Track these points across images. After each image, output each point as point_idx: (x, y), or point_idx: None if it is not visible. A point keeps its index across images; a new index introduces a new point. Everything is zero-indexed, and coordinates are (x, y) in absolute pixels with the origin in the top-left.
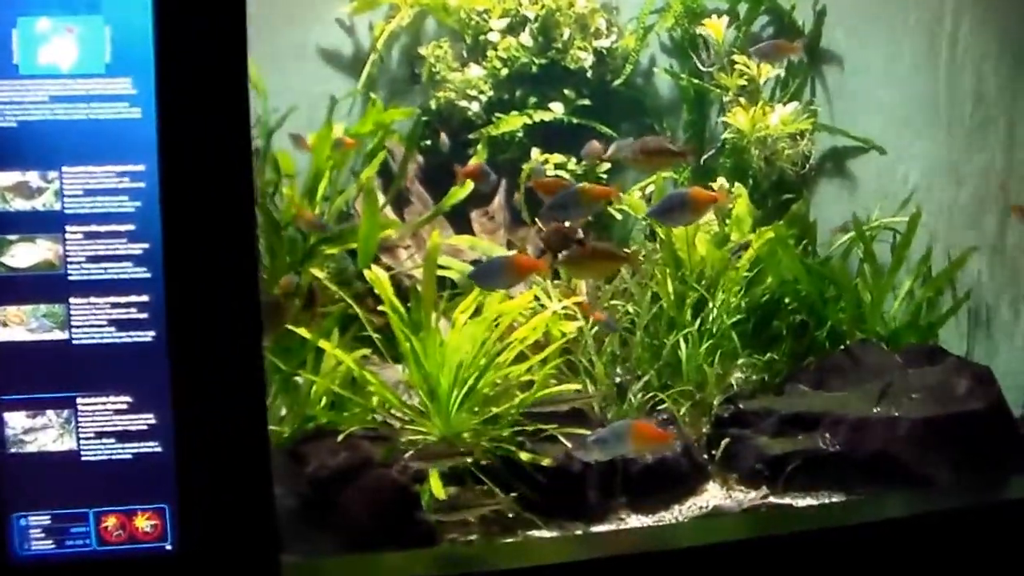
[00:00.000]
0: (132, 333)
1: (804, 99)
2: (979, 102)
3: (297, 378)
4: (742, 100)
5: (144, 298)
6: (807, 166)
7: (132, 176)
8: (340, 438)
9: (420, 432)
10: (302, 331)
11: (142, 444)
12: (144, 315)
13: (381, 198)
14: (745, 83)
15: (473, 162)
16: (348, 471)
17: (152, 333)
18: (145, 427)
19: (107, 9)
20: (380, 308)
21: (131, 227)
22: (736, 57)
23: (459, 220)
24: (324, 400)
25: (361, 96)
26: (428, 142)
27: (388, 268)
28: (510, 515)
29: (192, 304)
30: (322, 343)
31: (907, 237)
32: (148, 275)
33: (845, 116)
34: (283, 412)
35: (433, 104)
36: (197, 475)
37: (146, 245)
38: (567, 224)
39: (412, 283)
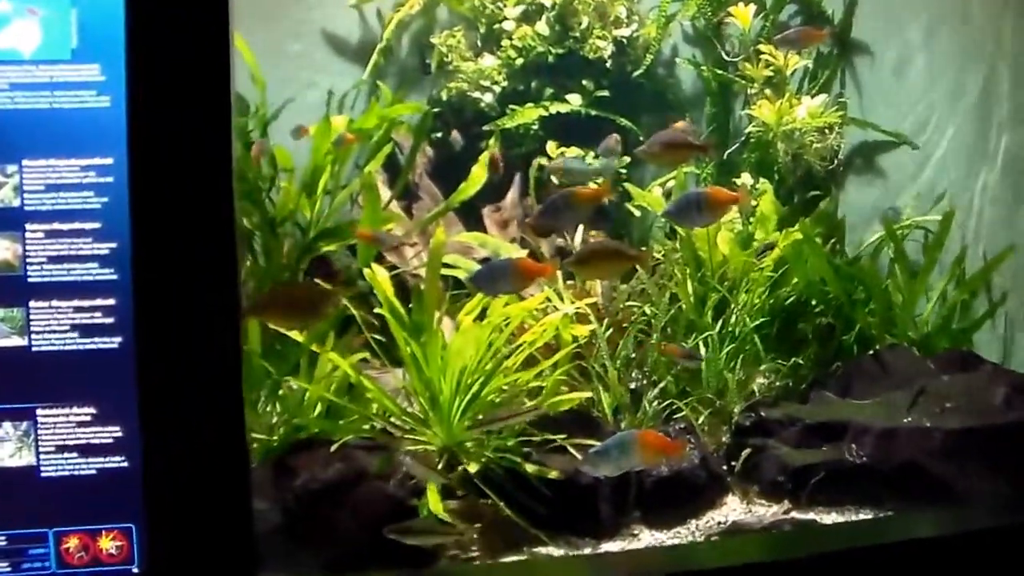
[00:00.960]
0: (97, 339)
1: (833, 91)
2: (1018, 95)
3: (290, 384)
4: (767, 92)
5: (110, 302)
6: (835, 161)
7: (99, 170)
8: (333, 448)
9: (420, 441)
10: (294, 334)
11: (107, 459)
12: (110, 320)
13: (387, 192)
14: (771, 74)
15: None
16: (340, 484)
17: (118, 339)
18: (110, 440)
19: None
20: (377, 311)
21: (97, 225)
22: (762, 47)
23: (471, 216)
24: (319, 407)
25: (368, 86)
26: (439, 134)
27: (392, 267)
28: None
29: (162, 308)
30: (316, 347)
31: (940, 236)
32: (115, 277)
33: (876, 109)
34: (274, 419)
35: (444, 95)
36: (166, 492)
37: (113, 245)
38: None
39: (416, 283)
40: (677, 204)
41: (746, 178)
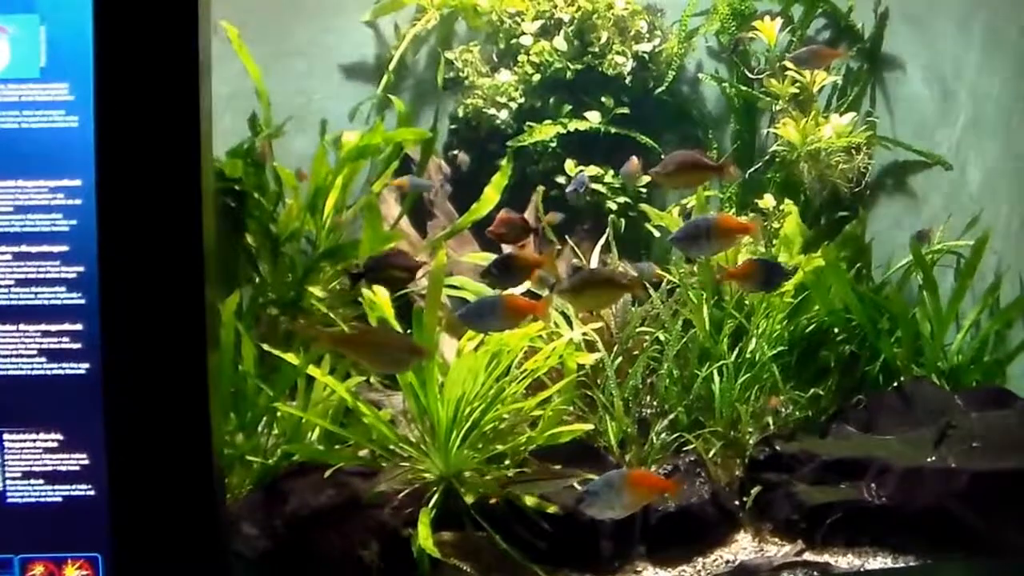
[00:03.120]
0: (64, 364)
1: (863, 109)
2: None
3: (289, 406)
4: (792, 110)
5: (77, 326)
6: (863, 182)
7: (67, 192)
8: (327, 474)
9: (417, 470)
10: (289, 356)
11: (73, 486)
12: (77, 345)
13: (397, 209)
14: (797, 91)
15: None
16: (332, 511)
17: (86, 365)
18: (77, 468)
19: (43, 8)
20: None
21: (65, 248)
22: (788, 63)
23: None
24: (316, 431)
25: (380, 101)
26: (456, 152)
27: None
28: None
29: (130, 334)
30: (312, 370)
31: (972, 262)
32: (82, 301)
33: (908, 127)
34: (269, 442)
35: (461, 111)
36: (134, 521)
37: (81, 268)
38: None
39: (420, 306)
40: (685, 231)
41: (770, 199)
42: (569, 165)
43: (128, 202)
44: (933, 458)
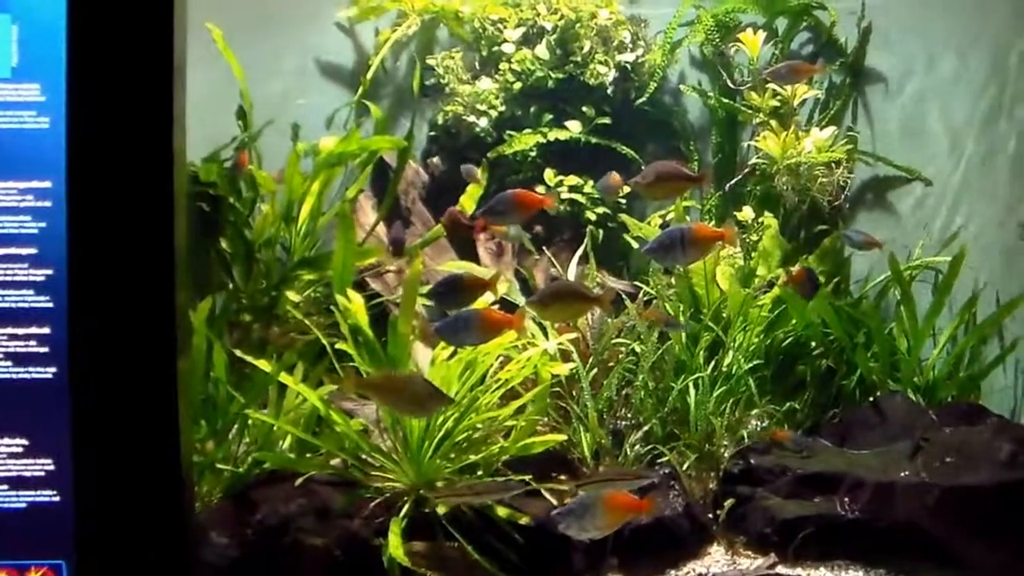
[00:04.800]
0: (30, 368)
1: (844, 123)
2: None
3: (260, 414)
4: (773, 123)
5: (45, 330)
6: (842, 197)
7: (37, 194)
8: (298, 483)
9: (388, 479)
10: (261, 363)
11: (38, 492)
12: (44, 349)
13: (373, 216)
14: (778, 104)
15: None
16: (302, 520)
17: (52, 369)
18: (42, 473)
19: (15, 7)
20: (336, 346)
21: (33, 251)
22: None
23: (465, 244)
24: (288, 439)
25: (358, 107)
26: (435, 159)
27: (373, 296)
28: None
29: (98, 338)
30: (284, 378)
31: (949, 278)
32: (50, 305)
33: (888, 142)
34: (241, 450)
35: (440, 118)
36: (99, 529)
37: (49, 271)
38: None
39: (395, 314)
40: (659, 241)
41: (749, 212)
42: (549, 175)
43: (99, 205)
44: (907, 473)
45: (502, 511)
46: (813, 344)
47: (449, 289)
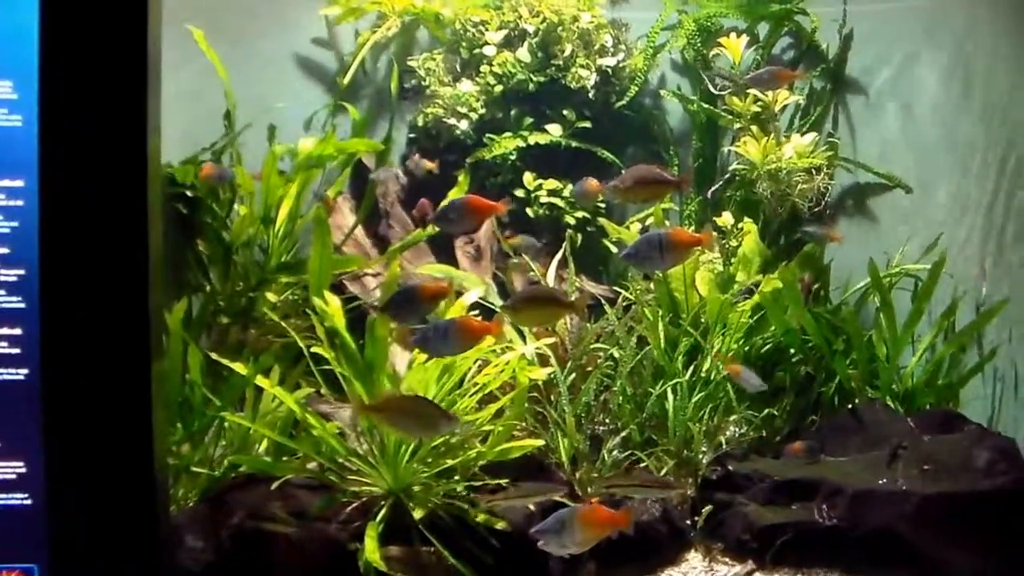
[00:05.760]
0: (1, 370)
1: (825, 130)
2: (1018, 140)
3: (236, 417)
4: (754, 128)
5: (16, 331)
6: (823, 203)
7: (8, 192)
8: (274, 486)
9: (365, 483)
10: (238, 366)
11: (9, 495)
12: (16, 350)
13: (352, 219)
14: (759, 110)
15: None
16: (278, 524)
17: (24, 370)
18: (13, 476)
19: None
20: (313, 349)
21: (5, 250)
22: (747, 82)
23: (443, 247)
24: (264, 442)
25: (336, 108)
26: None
27: (351, 299)
28: None
29: (72, 339)
30: (261, 381)
31: (929, 286)
32: (22, 305)
33: (870, 149)
34: (217, 453)
35: (420, 120)
36: (72, 532)
37: (21, 271)
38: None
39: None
40: (637, 246)
41: (729, 217)
42: (528, 178)
43: (72, 204)
44: (885, 480)
45: (479, 516)
46: (792, 350)
47: (405, 300)
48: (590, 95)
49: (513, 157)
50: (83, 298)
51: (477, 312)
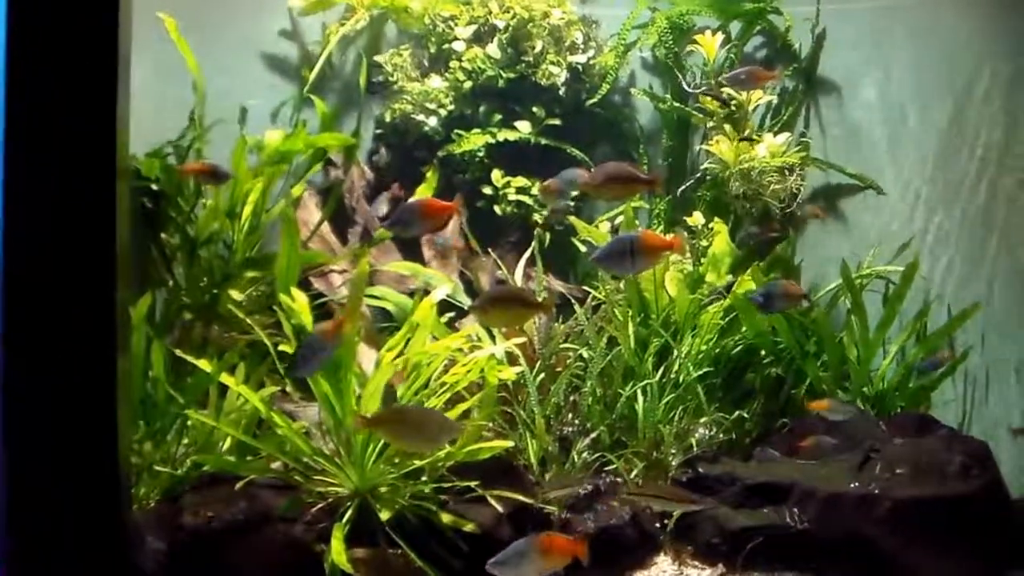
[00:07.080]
0: None
1: (797, 130)
2: (992, 141)
3: (200, 415)
4: (727, 127)
5: None
6: (794, 203)
7: None
8: (238, 486)
9: (331, 484)
10: (202, 363)
11: None
12: None
13: (318, 215)
14: (733, 109)
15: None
16: (242, 525)
17: None
18: None
19: None
20: (280, 347)
21: None
22: (723, 80)
23: (409, 244)
24: (228, 441)
25: (301, 102)
26: (379, 156)
27: (317, 296)
28: None
29: (35, 335)
30: (225, 378)
31: (901, 288)
32: None
33: (841, 150)
34: (180, 451)
35: (388, 116)
36: (33, 532)
37: None
38: None
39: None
40: (607, 249)
41: (699, 217)
42: (496, 175)
43: (36, 198)
44: (855, 484)
45: (446, 517)
46: (763, 352)
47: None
48: (560, 92)
49: (481, 154)
50: (47, 293)
51: (453, 314)
